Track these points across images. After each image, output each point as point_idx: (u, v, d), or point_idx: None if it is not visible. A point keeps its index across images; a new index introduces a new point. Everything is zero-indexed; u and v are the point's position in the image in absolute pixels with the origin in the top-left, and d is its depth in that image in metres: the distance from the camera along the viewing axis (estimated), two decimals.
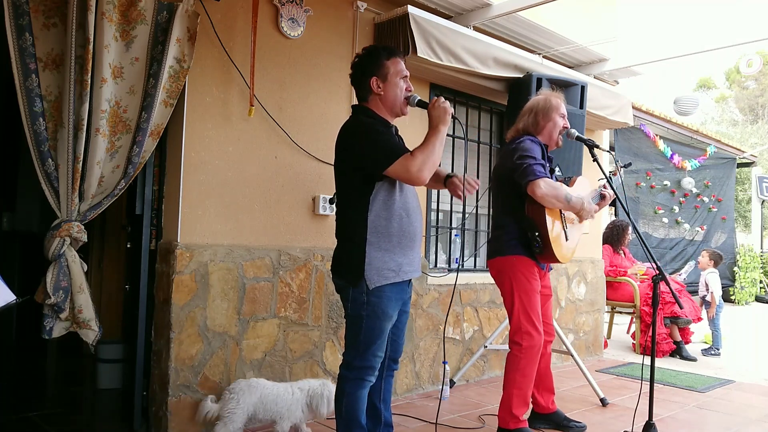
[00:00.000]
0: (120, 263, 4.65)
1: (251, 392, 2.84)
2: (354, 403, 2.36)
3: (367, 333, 2.34)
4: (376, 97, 2.43)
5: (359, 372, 2.36)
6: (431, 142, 2.30)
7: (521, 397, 2.96)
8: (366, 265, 2.30)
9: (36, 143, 2.51)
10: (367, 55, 2.46)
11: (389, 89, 2.41)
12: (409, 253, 2.40)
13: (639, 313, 5.86)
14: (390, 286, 2.34)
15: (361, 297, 2.32)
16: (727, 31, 16.99)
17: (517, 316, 2.98)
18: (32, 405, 3.46)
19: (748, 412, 3.81)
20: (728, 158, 10.35)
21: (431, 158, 2.27)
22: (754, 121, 23.07)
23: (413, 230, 2.40)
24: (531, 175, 2.82)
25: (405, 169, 2.24)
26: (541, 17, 4.49)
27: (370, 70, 2.42)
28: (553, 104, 3.06)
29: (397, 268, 2.34)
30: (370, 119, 2.42)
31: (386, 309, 2.34)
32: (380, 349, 2.37)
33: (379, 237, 2.32)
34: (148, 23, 2.74)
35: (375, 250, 2.31)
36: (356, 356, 2.36)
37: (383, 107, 2.44)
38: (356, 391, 2.37)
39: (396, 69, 2.41)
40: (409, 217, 2.39)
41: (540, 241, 2.89)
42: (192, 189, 2.99)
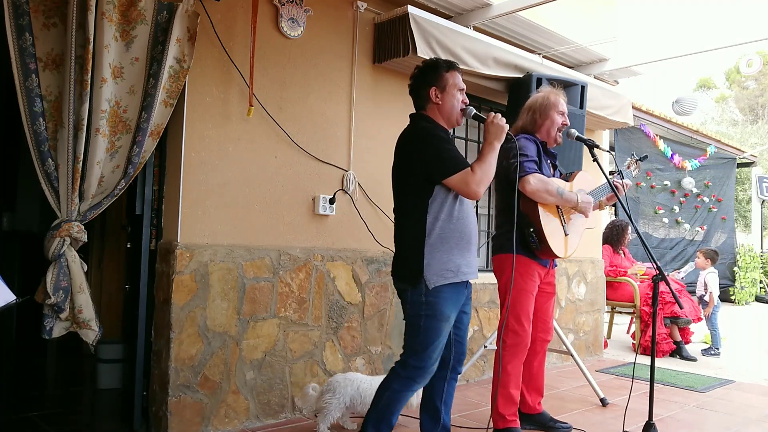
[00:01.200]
0: (120, 263, 4.65)
1: (348, 385, 3.00)
2: (394, 401, 2.40)
3: (425, 333, 2.39)
4: (434, 107, 2.54)
5: (412, 371, 2.40)
6: (488, 159, 2.41)
7: (505, 396, 2.97)
8: (425, 266, 2.37)
9: (36, 143, 2.51)
10: (428, 66, 2.57)
11: (447, 100, 2.51)
12: (467, 255, 2.46)
13: (639, 313, 5.86)
14: (448, 287, 2.40)
15: (420, 298, 2.38)
16: (727, 31, 16.99)
17: (507, 313, 2.99)
18: (32, 405, 3.46)
19: (748, 412, 3.81)
20: (728, 158, 10.35)
21: (488, 174, 2.40)
22: (754, 121, 23.07)
23: (469, 232, 2.47)
24: (521, 171, 2.85)
25: (465, 183, 2.35)
26: (541, 17, 4.49)
27: (430, 81, 2.52)
28: (551, 101, 3.07)
29: (455, 268, 2.40)
30: (430, 125, 2.52)
31: (443, 309, 2.39)
32: (436, 351, 2.41)
33: (438, 239, 2.39)
34: (148, 23, 2.74)
35: (433, 252, 2.38)
36: (412, 356, 2.41)
37: (440, 116, 2.54)
38: (402, 389, 2.41)
39: (454, 81, 2.52)
40: (466, 219, 2.47)
41: (535, 237, 2.91)
42: (192, 189, 2.99)
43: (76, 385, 4.08)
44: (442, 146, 2.43)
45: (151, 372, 3.02)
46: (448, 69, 2.53)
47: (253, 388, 3.16)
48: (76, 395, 3.83)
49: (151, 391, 3.02)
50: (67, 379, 4.28)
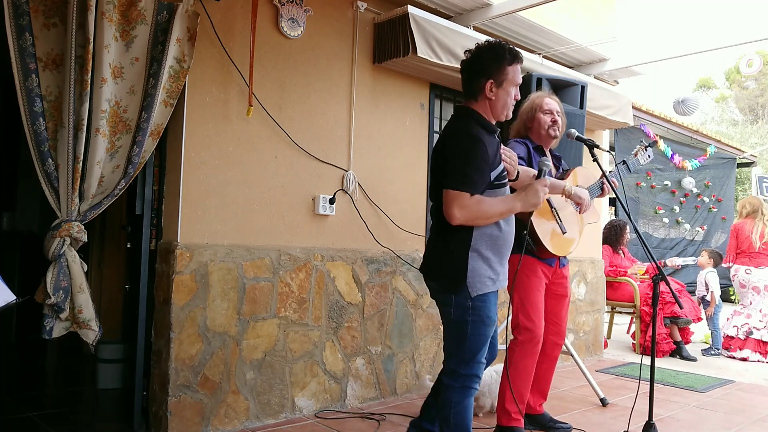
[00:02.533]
0: (120, 263, 4.66)
1: None
2: (462, 412, 2.30)
3: (473, 340, 2.28)
4: (486, 101, 2.33)
5: (465, 380, 2.31)
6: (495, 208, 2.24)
7: (514, 393, 2.96)
8: (468, 272, 2.25)
9: (36, 143, 2.51)
10: (490, 53, 2.31)
11: (501, 96, 2.31)
12: (504, 262, 2.38)
13: (639, 313, 5.86)
14: (491, 295, 2.32)
15: (466, 302, 2.26)
16: (727, 31, 16.99)
17: (516, 312, 3.01)
18: (32, 405, 3.46)
19: (748, 412, 3.81)
20: (728, 158, 10.34)
21: (477, 216, 2.22)
22: (754, 121, 23.07)
23: (509, 240, 2.38)
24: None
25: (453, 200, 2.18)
26: (541, 17, 4.49)
27: (488, 72, 2.30)
28: (535, 104, 3.16)
29: (495, 276, 2.31)
30: (471, 125, 2.30)
31: (490, 314, 2.31)
32: (483, 356, 2.34)
33: (483, 244, 2.27)
34: (148, 23, 2.74)
35: (478, 258, 2.26)
36: (461, 364, 2.30)
37: (489, 111, 2.35)
38: (463, 400, 2.31)
39: (513, 77, 2.32)
40: (508, 228, 2.36)
41: (529, 239, 2.93)
42: (192, 189, 2.99)
43: (76, 385, 4.08)
44: (472, 158, 2.21)
45: (151, 372, 3.02)
46: (512, 62, 2.30)
47: (253, 388, 3.16)
48: (76, 395, 3.83)
49: (151, 391, 3.02)
50: (67, 379, 4.28)
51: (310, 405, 3.40)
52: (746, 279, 5.94)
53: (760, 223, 5.89)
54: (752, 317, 5.84)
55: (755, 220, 5.94)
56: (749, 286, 5.94)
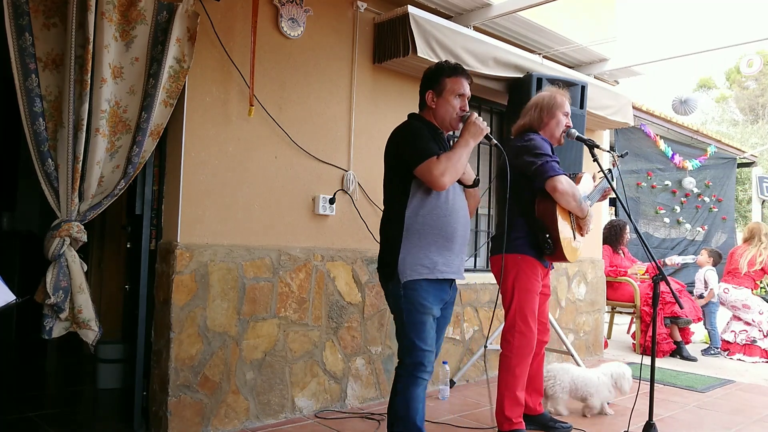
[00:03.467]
0: (120, 263, 4.66)
1: (565, 373, 3.41)
2: (408, 401, 2.37)
3: (409, 327, 2.39)
4: (430, 111, 2.55)
5: (409, 368, 2.39)
6: (457, 151, 2.39)
7: (512, 398, 2.96)
8: (400, 260, 2.37)
9: (36, 143, 2.51)
10: (431, 68, 2.58)
11: (441, 105, 2.51)
12: (446, 253, 2.43)
13: (639, 313, 5.86)
14: (426, 282, 2.39)
15: (398, 290, 2.39)
16: (727, 31, 16.98)
17: (513, 314, 2.99)
18: (32, 405, 3.46)
19: (748, 412, 3.81)
20: (729, 158, 10.33)
21: (455, 166, 2.35)
22: (755, 121, 23.05)
23: (451, 230, 2.43)
24: (551, 171, 2.85)
25: (428, 171, 2.32)
26: (541, 17, 4.49)
27: (428, 84, 2.54)
28: (558, 101, 3.07)
29: (431, 265, 2.38)
30: (417, 123, 2.53)
31: (423, 301, 2.38)
32: (426, 343, 2.38)
33: (415, 234, 2.38)
34: (148, 23, 2.74)
35: (409, 247, 2.38)
36: (404, 353, 2.41)
37: (435, 119, 2.55)
38: (408, 388, 2.38)
39: (452, 87, 2.50)
40: (448, 218, 2.42)
41: (551, 243, 2.90)
42: (192, 189, 2.99)
43: (76, 385, 4.08)
44: (417, 138, 2.42)
45: (151, 372, 3.02)
46: (451, 74, 2.52)
47: (253, 388, 3.16)
48: (76, 395, 3.83)
49: (151, 391, 3.02)
50: (67, 379, 4.28)
51: (310, 405, 3.40)
52: (724, 298, 6.11)
53: (754, 249, 6.03)
54: (750, 326, 5.90)
55: (749, 246, 6.09)
56: (728, 304, 6.11)
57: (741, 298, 5.95)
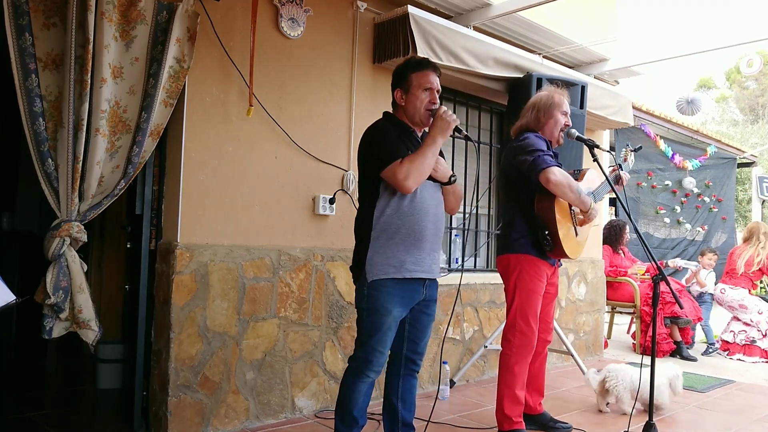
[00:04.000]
0: (120, 263, 4.66)
1: (625, 373, 3.53)
2: (349, 393, 2.42)
3: (367, 326, 2.40)
4: (400, 109, 2.52)
5: (358, 363, 2.42)
6: (422, 152, 2.35)
7: (511, 397, 2.96)
8: (367, 259, 2.38)
9: (36, 143, 2.51)
10: (397, 67, 2.56)
11: (409, 101, 2.48)
12: (415, 252, 2.41)
13: (639, 313, 5.86)
14: (392, 282, 2.37)
15: (363, 290, 2.40)
16: (727, 31, 16.98)
17: (514, 313, 2.99)
18: (32, 405, 3.46)
19: (748, 412, 3.81)
20: (729, 158, 10.33)
21: (419, 168, 2.32)
22: (755, 121, 23.05)
23: (420, 229, 2.41)
24: (543, 163, 2.83)
25: (392, 175, 2.31)
26: (541, 17, 4.49)
27: (396, 82, 2.53)
28: (555, 101, 3.07)
29: (398, 264, 2.37)
30: (387, 123, 2.52)
31: (385, 303, 2.36)
32: (380, 344, 2.39)
33: (382, 233, 2.38)
34: (147, 23, 2.74)
35: (377, 246, 2.38)
36: (358, 347, 2.43)
37: (405, 117, 2.52)
38: (353, 381, 2.42)
39: (419, 81, 2.46)
40: (416, 217, 2.40)
41: (550, 240, 2.89)
42: (192, 189, 2.99)
43: (76, 385, 4.08)
44: (384, 140, 2.40)
45: (151, 372, 3.02)
46: (416, 69, 2.48)
47: (253, 388, 3.16)
48: (76, 395, 3.83)
49: (151, 391, 3.02)
50: (67, 379, 4.28)
51: (310, 405, 3.40)
52: (721, 298, 6.14)
53: (752, 249, 6.03)
54: (749, 326, 5.91)
55: (748, 246, 6.09)
56: (724, 304, 6.13)
57: (737, 299, 5.97)
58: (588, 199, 2.95)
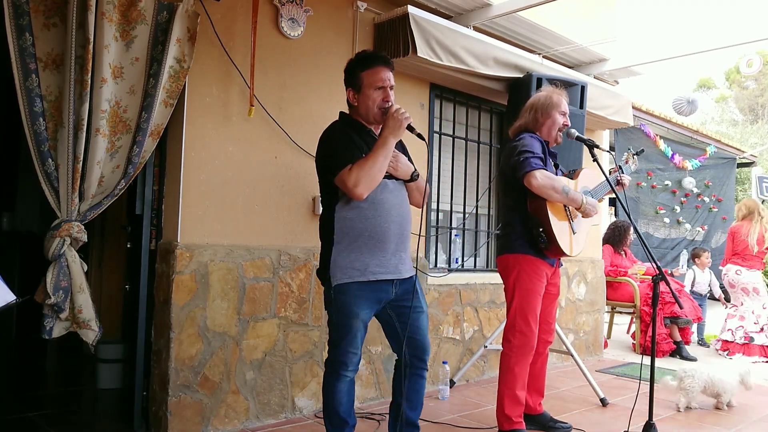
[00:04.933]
0: (120, 263, 4.66)
1: (701, 374, 3.76)
2: (332, 394, 2.41)
3: (336, 329, 2.39)
4: (354, 108, 2.46)
5: (332, 365, 2.42)
6: (372, 156, 2.29)
7: (512, 397, 2.97)
8: (331, 263, 2.35)
9: (36, 143, 2.51)
10: (346, 67, 2.48)
11: (362, 101, 2.41)
12: (378, 254, 2.36)
13: (639, 313, 5.87)
14: (358, 285, 2.33)
15: (330, 294, 2.37)
16: (727, 31, 16.99)
17: (513, 313, 2.99)
18: (32, 405, 3.46)
19: (748, 412, 3.81)
20: (728, 158, 10.33)
21: (369, 173, 2.26)
22: (754, 121, 23.05)
23: (382, 231, 2.35)
24: (527, 167, 2.84)
25: (342, 183, 2.28)
26: (541, 17, 4.49)
27: (347, 82, 2.46)
28: (554, 101, 3.07)
29: (362, 267, 2.33)
30: (339, 124, 2.47)
31: (351, 306, 2.34)
32: (351, 346, 2.38)
33: (344, 237, 2.35)
34: (148, 23, 2.74)
35: (340, 250, 2.35)
36: (331, 350, 2.43)
37: (360, 116, 2.46)
38: (332, 383, 2.41)
39: (370, 80, 2.38)
40: (378, 219, 2.35)
41: (545, 237, 2.90)
42: (192, 189, 2.99)
43: (76, 385, 4.08)
44: (333, 146, 2.35)
45: (151, 372, 3.02)
46: (366, 66, 2.39)
47: (253, 388, 3.16)
48: (76, 395, 3.83)
49: (151, 391, 3.02)
50: (67, 379, 4.28)
51: (310, 405, 3.40)
52: (736, 279, 5.97)
53: (758, 225, 5.87)
54: (745, 319, 5.87)
55: (752, 222, 5.93)
56: (738, 286, 5.98)
57: (753, 281, 5.85)
58: (578, 195, 2.95)
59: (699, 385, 3.73)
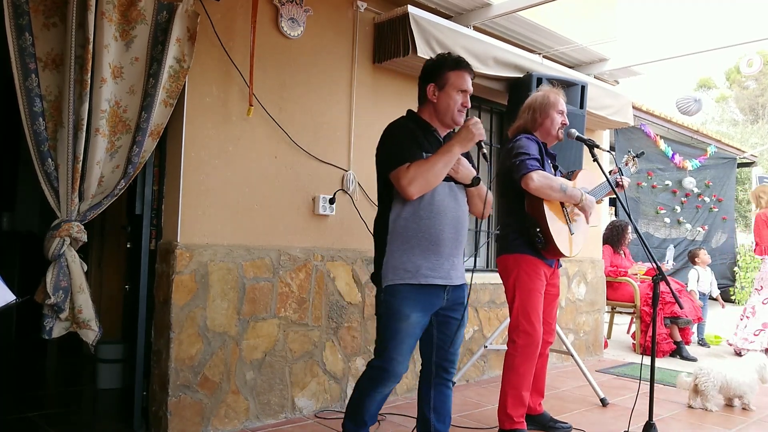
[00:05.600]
0: (120, 263, 4.65)
1: (718, 373, 3.72)
2: (365, 399, 2.35)
3: (383, 332, 2.32)
4: (430, 105, 2.44)
5: (373, 371, 2.35)
6: (433, 160, 2.27)
7: (516, 397, 2.96)
8: (384, 264, 2.32)
9: (36, 143, 2.51)
10: (432, 61, 2.48)
11: (442, 99, 2.40)
12: (431, 257, 2.30)
13: (639, 313, 5.86)
14: (409, 287, 2.28)
15: (380, 296, 2.33)
16: (727, 31, 16.98)
17: (516, 313, 2.99)
18: (32, 405, 3.46)
19: (748, 412, 3.81)
20: (729, 158, 10.34)
21: (425, 175, 2.23)
22: (755, 121, 23.06)
23: (436, 234, 2.31)
24: (524, 169, 2.85)
25: (396, 179, 2.25)
26: (541, 17, 4.49)
27: (429, 77, 2.43)
28: (551, 101, 3.08)
29: (414, 269, 2.28)
30: (407, 121, 2.44)
31: (401, 308, 2.27)
32: (397, 352, 2.29)
33: (398, 237, 2.31)
34: (148, 23, 2.74)
35: (393, 250, 2.31)
36: (376, 355, 2.36)
37: (434, 116, 2.44)
38: (370, 390, 2.34)
39: (455, 81, 2.39)
40: (433, 220, 2.31)
41: (542, 237, 2.90)
42: (192, 189, 2.98)
43: (76, 385, 4.08)
44: (395, 140, 2.33)
45: (151, 372, 3.02)
46: (454, 68, 2.40)
47: (253, 388, 3.16)
48: (76, 395, 3.83)
49: (151, 391, 3.02)
50: (67, 379, 4.28)
51: (310, 405, 3.40)
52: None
53: None
54: None
55: None
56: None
57: None
58: (576, 191, 2.96)
59: (716, 384, 3.70)
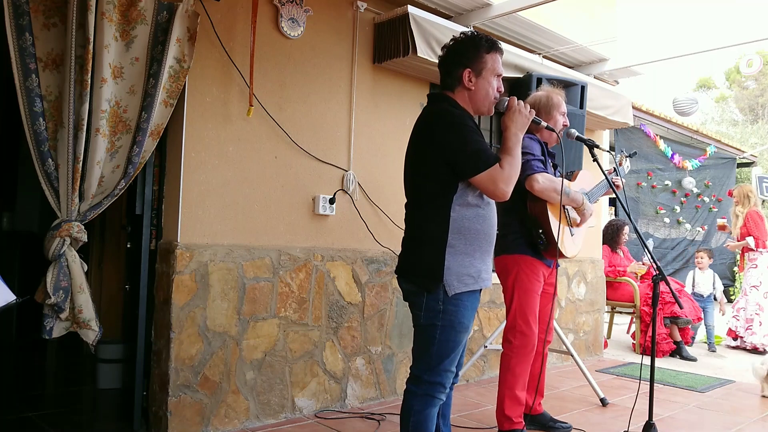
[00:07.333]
0: (120, 263, 4.65)
1: None
2: (423, 422, 2.12)
3: (441, 345, 2.11)
4: (464, 91, 2.19)
5: (428, 388, 2.14)
6: (514, 153, 2.10)
7: (512, 398, 2.97)
8: (445, 270, 2.07)
9: (36, 143, 2.51)
10: (466, 42, 2.20)
11: (481, 86, 2.17)
12: (487, 259, 2.19)
13: (639, 313, 5.87)
14: (467, 294, 2.12)
15: (437, 305, 2.09)
16: (727, 31, 16.98)
17: (513, 314, 3.00)
18: (32, 405, 3.46)
19: (748, 412, 3.81)
20: (728, 158, 10.34)
21: (517, 170, 2.11)
22: (754, 121, 23.05)
23: (492, 234, 2.19)
24: (528, 170, 2.85)
25: (493, 182, 2.05)
26: (541, 17, 4.49)
27: (465, 61, 2.17)
28: (554, 102, 3.09)
29: (476, 274, 2.12)
30: (455, 110, 2.16)
31: (463, 319, 2.12)
32: (453, 364, 2.17)
33: (461, 239, 2.09)
34: (148, 23, 2.74)
35: (455, 254, 2.08)
36: (426, 370, 2.13)
37: (469, 103, 2.20)
38: (425, 409, 2.13)
39: (493, 65, 2.19)
40: (491, 220, 2.18)
41: (544, 238, 2.91)
42: (192, 189, 2.99)
43: (76, 385, 4.08)
44: (469, 136, 2.08)
45: (151, 372, 3.02)
46: (490, 50, 2.18)
47: (253, 388, 3.16)
48: (76, 395, 3.83)
49: (151, 391, 3.02)
50: (67, 379, 4.28)
51: (310, 405, 3.40)
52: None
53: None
54: None
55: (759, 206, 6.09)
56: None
57: None
58: (578, 195, 3.01)
59: None
